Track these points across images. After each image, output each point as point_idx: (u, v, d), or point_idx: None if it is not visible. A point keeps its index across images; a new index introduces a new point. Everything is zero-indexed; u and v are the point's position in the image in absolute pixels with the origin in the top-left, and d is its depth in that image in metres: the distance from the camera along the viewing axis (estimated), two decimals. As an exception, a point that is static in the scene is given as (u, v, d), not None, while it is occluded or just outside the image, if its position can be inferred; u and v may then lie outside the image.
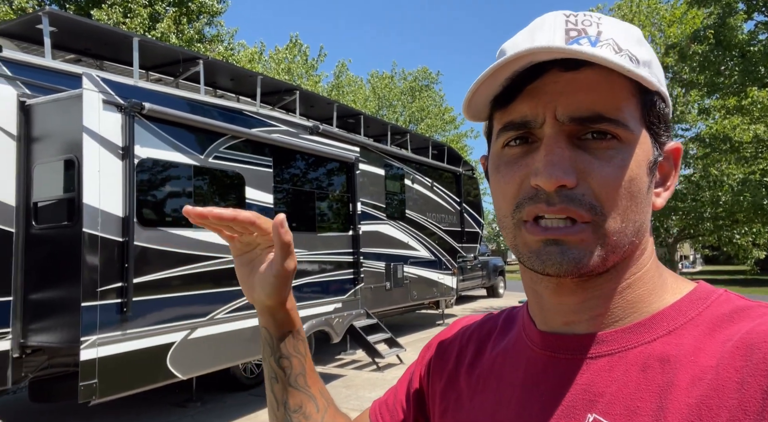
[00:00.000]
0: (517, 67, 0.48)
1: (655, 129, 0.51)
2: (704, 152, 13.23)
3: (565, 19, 0.49)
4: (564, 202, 0.47)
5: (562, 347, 0.53)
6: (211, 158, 5.09)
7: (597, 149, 0.48)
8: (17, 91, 4.30)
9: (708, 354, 0.46)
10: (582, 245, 0.48)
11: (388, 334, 7.43)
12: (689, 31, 12.99)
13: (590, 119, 0.47)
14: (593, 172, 0.48)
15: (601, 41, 0.47)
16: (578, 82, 0.48)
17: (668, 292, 0.52)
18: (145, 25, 10.47)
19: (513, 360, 0.58)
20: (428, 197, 10.19)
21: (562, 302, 0.53)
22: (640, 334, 0.50)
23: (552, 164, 0.47)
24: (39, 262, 4.29)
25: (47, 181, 4.36)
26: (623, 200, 0.48)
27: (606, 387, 0.49)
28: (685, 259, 36.84)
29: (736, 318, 0.48)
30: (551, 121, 0.48)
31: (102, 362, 3.94)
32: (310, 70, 20.33)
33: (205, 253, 4.90)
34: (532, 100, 0.49)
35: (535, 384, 0.54)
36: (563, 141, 0.48)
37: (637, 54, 0.48)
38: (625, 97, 0.48)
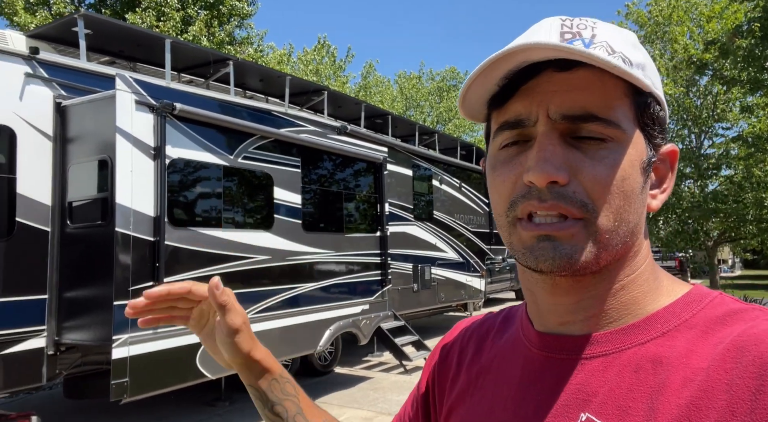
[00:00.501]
0: (512, 67, 0.49)
1: (649, 130, 0.51)
2: (747, 151, 12.67)
3: (560, 23, 0.50)
4: (555, 199, 0.48)
5: (557, 347, 0.54)
6: (241, 158, 5.10)
7: (589, 148, 0.49)
8: (53, 92, 4.39)
9: (700, 356, 0.46)
10: (573, 240, 0.49)
11: (416, 337, 7.34)
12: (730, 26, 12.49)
13: (582, 117, 0.48)
14: (585, 170, 0.48)
15: (595, 43, 0.48)
16: (571, 81, 0.49)
17: (663, 294, 0.53)
18: (178, 28, 10.66)
19: (510, 359, 0.59)
20: (456, 198, 10.07)
21: (557, 302, 0.54)
22: (634, 335, 0.51)
23: (543, 160, 0.48)
24: (73, 261, 4.36)
25: (82, 181, 4.43)
26: (615, 199, 0.49)
27: (599, 387, 0.50)
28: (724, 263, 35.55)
29: (729, 320, 0.48)
30: (544, 119, 0.49)
31: (133, 361, 3.97)
32: (338, 71, 20.41)
33: (234, 253, 4.91)
34: (526, 100, 0.50)
35: (532, 384, 0.54)
36: (556, 139, 0.49)
37: (630, 56, 0.49)
38: (618, 98, 0.49)
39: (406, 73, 25.91)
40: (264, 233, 5.30)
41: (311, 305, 5.77)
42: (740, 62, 9.86)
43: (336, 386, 6.47)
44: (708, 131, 16.59)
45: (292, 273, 5.56)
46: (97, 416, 5.54)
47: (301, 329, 5.64)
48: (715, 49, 11.04)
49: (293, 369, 6.46)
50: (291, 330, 5.51)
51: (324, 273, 5.99)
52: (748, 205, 12.71)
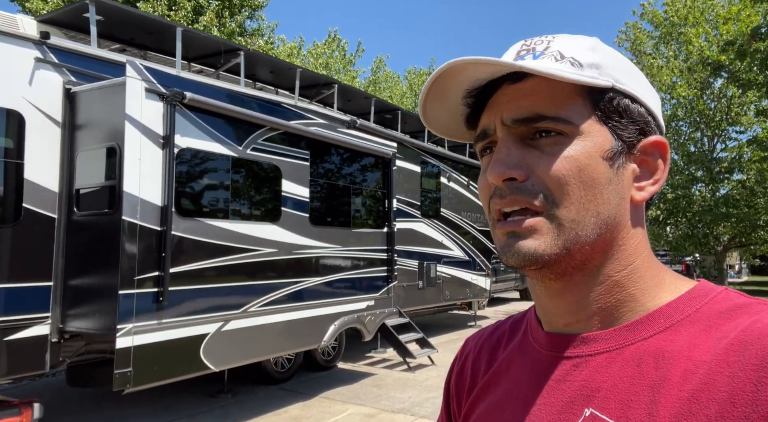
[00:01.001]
0: (467, 86, 0.55)
1: (615, 122, 0.53)
2: (761, 155, 12.50)
3: (522, 44, 0.56)
4: (513, 193, 0.52)
5: (563, 346, 0.55)
6: (249, 149, 5.05)
7: (545, 145, 0.52)
8: (63, 78, 4.35)
9: (703, 349, 0.47)
10: (534, 233, 0.51)
11: (420, 334, 7.29)
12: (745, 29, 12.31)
13: (530, 119, 0.52)
14: (541, 164, 0.51)
15: (545, 54, 0.53)
16: (522, 90, 0.53)
17: (666, 290, 0.53)
18: (189, 18, 10.61)
19: (520, 361, 0.61)
20: (464, 196, 10.00)
21: (556, 304, 0.56)
22: (637, 331, 0.51)
23: (497, 161, 0.52)
24: (79, 248, 4.33)
25: (89, 168, 4.40)
26: (575, 190, 0.50)
27: (602, 382, 0.51)
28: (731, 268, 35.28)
29: (734, 315, 0.49)
30: (500, 126, 0.54)
31: (137, 350, 3.94)
32: (348, 65, 20.31)
33: (240, 245, 4.87)
34: (488, 112, 0.56)
35: (539, 383, 0.56)
36: (511, 142, 0.53)
37: (582, 58, 0.52)
38: (568, 97, 0.52)
39: (416, 70, 25.79)
40: (271, 226, 5.26)
41: (316, 299, 5.73)
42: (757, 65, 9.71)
43: (339, 381, 6.43)
44: (721, 134, 16.38)
45: (298, 267, 5.52)
46: (99, 404, 5.53)
47: (306, 323, 5.60)
48: (732, 50, 10.87)
49: (296, 363, 6.43)
50: (296, 324, 5.47)
51: (330, 268, 5.95)
52: (759, 210, 12.54)
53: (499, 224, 0.54)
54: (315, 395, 5.86)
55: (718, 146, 17.20)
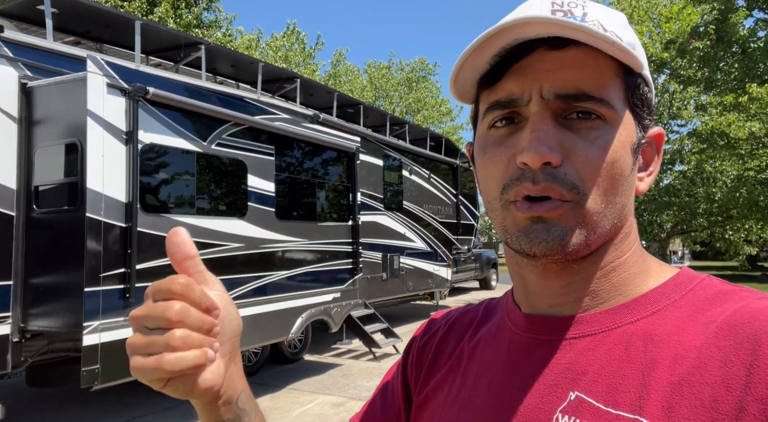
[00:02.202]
0: (505, 44, 0.48)
1: (639, 111, 0.51)
2: (700, 147, 13.34)
3: (551, 1, 0.49)
4: (548, 180, 0.48)
5: (545, 328, 0.53)
6: (214, 144, 5.06)
7: (582, 128, 0.48)
8: (18, 72, 4.23)
9: (691, 334, 0.46)
10: (563, 221, 0.48)
11: (385, 324, 7.46)
12: (686, 27, 13.03)
13: (575, 96, 0.48)
14: (578, 152, 0.48)
15: (587, 21, 0.47)
16: (564, 60, 0.48)
17: (652, 276, 0.53)
18: (143, 9, 10.31)
19: (494, 344, 0.58)
20: (425, 189, 10.19)
21: (548, 285, 0.53)
22: (624, 315, 0.50)
23: (538, 140, 0.47)
24: (40, 246, 4.25)
25: (48, 165, 4.31)
26: (605, 182, 0.48)
27: (588, 365, 0.49)
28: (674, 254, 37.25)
29: (719, 301, 0.48)
30: (537, 99, 0.48)
31: (104, 348, 3.93)
32: (308, 58, 20.17)
33: (207, 240, 4.89)
34: (518, 79, 0.49)
35: (517, 365, 0.54)
36: (549, 119, 0.48)
37: (621, 36, 0.48)
38: (610, 77, 0.49)
39: (376, 63, 25.87)
40: (237, 221, 5.29)
41: (283, 293, 5.80)
42: (696, 62, 10.34)
43: (306, 373, 6.54)
44: (664, 127, 17.34)
45: (264, 261, 5.57)
46: (62, 404, 5.43)
47: (273, 316, 5.66)
48: (673, 48, 11.51)
49: (263, 356, 6.49)
50: (263, 318, 5.53)
51: (296, 261, 6.02)
52: (699, 199, 13.37)
53: (520, 205, 0.49)
54: (283, 387, 5.94)
55: (661, 139, 18.13)
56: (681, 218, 14.66)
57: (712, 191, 13.02)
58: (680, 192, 14.10)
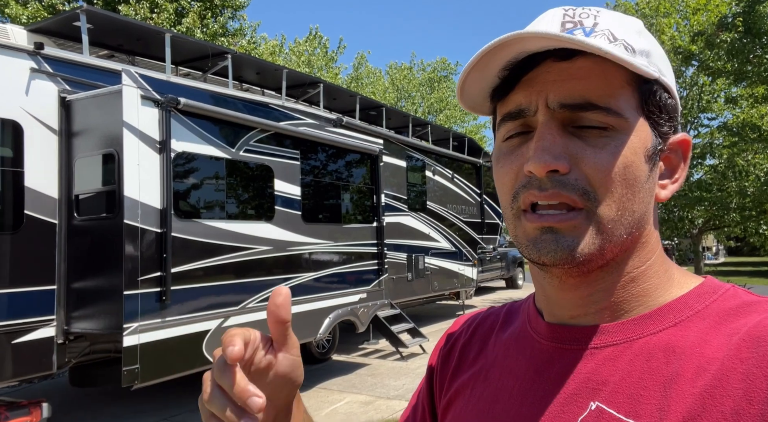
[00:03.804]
0: (510, 58, 0.49)
1: (655, 118, 0.51)
2: (731, 140, 12.95)
3: (563, 13, 0.50)
4: (556, 187, 0.48)
5: (567, 338, 0.53)
6: (242, 151, 5.21)
7: (590, 136, 0.48)
8: (58, 87, 4.46)
9: (714, 346, 0.46)
10: (575, 232, 0.48)
11: (411, 324, 7.52)
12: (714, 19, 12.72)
13: (581, 105, 0.48)
14: (586, 158, 0.48)
15: (596, 32, 0.48)
16: (571, 71, 0.48)
17: (675, 286, 0.52)
18: (171, 20, 10.62)
19: (516, 351, 0.58)
20: (449, 189, 10.21)
21: (567, 297, 0.53)
22: (646, 325, 0.50)
23: (542, 149, 0.48)
24: (81, 252, 4.46)
25: (88, 174, 4.52)
26: (618, 187, 0.48)
27: (610, 375, 0.49)
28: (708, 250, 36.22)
29: (743, 312, 0.48)
30: (543, 108, 0.49)
31: (143, 348, 4.11)
32: (330, 62, 20.38)
33: (237, 244, 5.04)
34: (526, 90, 0.50)
35: (539, 374, 0.54)
36: (555, 128, 0.49)
37: (633, 43, 0.49)
38: (620, 86, 0.49)
39: (398, 64, 25.93)
40: (265, 225, 5.43)
41: (311, 294, 5.92)
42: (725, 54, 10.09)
43: (334, 372, 6.65)
44: (693, 121, 16.92)
45: (292, 263, 5.71)
46: (103, 402, 5.67)
47: (302, 317, 5.79)
48: (701, 40, 11.25)
49: (293, 356, 6.61)
50: (292, 318, 5.62)
51: (323, 263, 6.14)
52: (731, 193, 13.02)
53: (530, 216, 0.50)
54: (312, 386, 6.06)
55: (691, 132, 17.74)
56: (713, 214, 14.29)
57: (744, 185, 12.67)
58: (712, 187, 13.74)
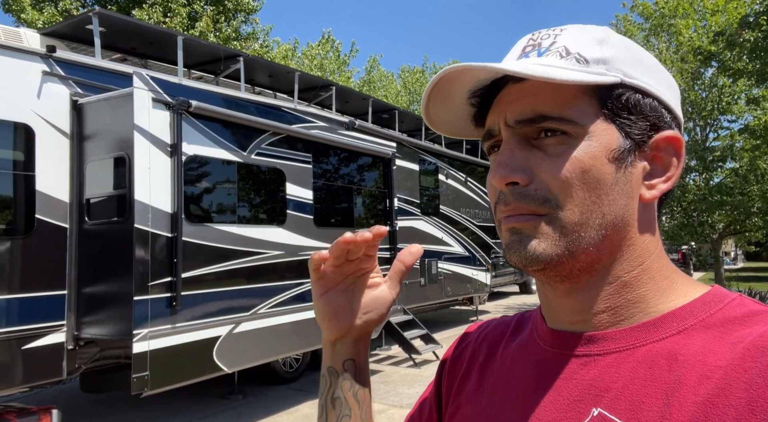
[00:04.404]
0: (471, 86, 0.54)
1: (622, 120, 0.51)
2: (753, 143, 12.66)
3: (529, 38, 0.55)
4: (517, 199, 0.51)
5: (570, 344, 0.54)
6: (254, 154, 5.15)
7: (548, 145, 0.51)
8: (70, 90, 4.43)
9: (717, 354, 0.46)
10: (535, 232, 0.50)
11: (424, 330, 7.40)
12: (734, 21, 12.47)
13: (533, 119, 0.51)
14: (543, 167, 0.50)
15: (550, 51, 0.52)
16: (524, 89, 0.52)
17: (678, 294, 0.52)
18: (185, 24, 10.66)
19: (523, 358, 0.59)
20: (462, 192, 10.09)
21: (563, 303, 0.55)
22: (649, 333, 0.50)
23: (500, 164, 0.51)
24: (91, 257, 4.42)
25: (99, 178, 4.48)
26: (578, 192, 0.49)
27: (612, 382, 0.49)
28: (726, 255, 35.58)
29: (748, 321, 0.48)
30: (503, 126, 0.53)
31: (153, 354, 4.04)
32: (342, 65, 20.38)
33: (248, 248, 4.97)
34: (493, 111, 0.55)
35: (542, 380, 0.55)
36: (514, 143, 0.52)
37: (588, 54, 0.51)
38: (572, 96, 0.50)
39: (410, 68, 25.87)
40: (277, 229, 5.36)
41: (323, 299, 5.82)
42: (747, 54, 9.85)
43: (347, 379, 6.53)
44: (713, 123, 16.58)
45: (304, 268, 5.62)
46: (113, 408, 5.62)
47: (314, 323, 5.65)
48: (722, 40, 11.01)
49: (304, 362, 6.54)
50: (304, 324, 5.58)
51: (335, 268, 6.04)
52: (753, 197, 12.70)
53: (505, 220, 0.53)
54: (324, 393, 5.96)
55: (710, 135, 17.40)
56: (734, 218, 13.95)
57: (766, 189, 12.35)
58: (733, 190, 13.43)
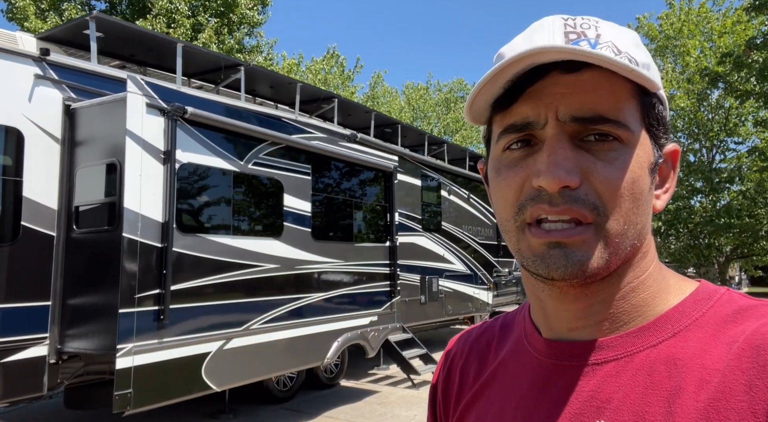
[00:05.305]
0: (518, 70, 0.49)
1: (655, 131, 0.51)
2: (761, 165, 12.51)
3: (563, 23, 0.49)
4: (567, 202, 0.48)
5: (567, 354, 0.53)
6: (251, 164, 5.01)
7: (599, 150, 0.48)
8: (63, 94, 4.31)
9: (714, 355, 0.46)
10: (584, 246, 0.48)
11: (424, 350, 7.18)
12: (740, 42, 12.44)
13: (592, 119, 0.48)
14: (596, 172, 0.48)
15: (601, 43, 0.48)
16: (579, 83, 0.48)
17: (672, 293, 0.52)
18: (188, 35, 10.65)
19: (516, 368, 0.58)
20: (464, 209, 9.96)
21: (566, 309, 0.53)
22: (645, 337, 0.50)
23: (555, 164, 0.47)
24: (78, 267, 4.25)
25: (89, 185, 4.34)
26: (626, 202, 0.48)
27: (613, 392, 0.49)
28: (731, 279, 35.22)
29: (740, 318, 0.48)
30: (553, 122, 0.48)
31: (138, 371, 3.84)
32: (347, 81, 20.43)
33: (242, 261, 4.79)
34: (533, 102, 0.49)
35: (541, 392, 0.53)
36: (566, 142, 0.48)
37: (635, 56, 0.48)
38: (626, 99, 0.49)
39: (414, 84, 25.95)
40: (273, 241, 5.19)
41: (319, 315, 5.63)
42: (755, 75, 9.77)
43: (342, 399, 6.30)
44: (719, 144, 16.45)
45: (300, 283, 5.43)
46: (97, 427, 5.39)
47: (309, 340, 5.49)
48: (729, 61, 10.95)
49: (299, 381, 6.31)
50: (298, 341, 5.37)
51: (332, 283, 5.86)
52: (761, 220, 12.52)
53: (536, 231, 0.49)
54: (318, 414, 5.73)
55: (716, 156, 17.26)
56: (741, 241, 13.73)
57: (774, 212, 12.19)
58: (741, 213, 13.24)
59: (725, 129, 15.61)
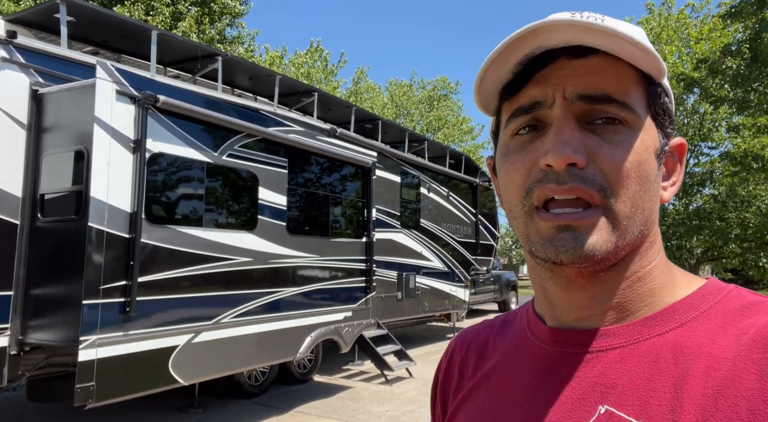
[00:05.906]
0: (527, 52, 0.49)
1: (660, 120, 0.52)
2: (732, 170, 12.81)
3: (570, 15, 0.49)
4: (575, 181, 0.47)
5: (571, 342, 0.52)
6: (225, 155, 4.93)
7: (605, 132, 0.49)
8: (30, 79, 4.19)
9: (722, 345, 0.46)
10: (593, 229, 0.48)
11: (399, 346, 7.19)
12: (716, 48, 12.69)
13: (599, 98, 0.48)
14: (603, 153, 0.48)
15: None
16: (586, 67, 0.49)
17: (679, 286, 0.52)
18: (167, 24, 10.45)
19: (517, 357, 0.58)
20: (443, 207, 9.99)
21: (572, 298, 0.52)
22: (652, 327, 0.50)
23: (562, 141, 0.47)
24: (42, 256, 4.14)
25: (56, 172, 4.22)
26: (633, 184, 0.48)
27: (618, 378, 0.48)
28: (703, 281, 36.09)
29: (749, 312, 0.48)
30: (560, 100, 0.49)
31: (101, 363, 3.76)
32: (330, 75, 20.28)
33: (214, 254, 4.72)
34: (541, 85, 0.50)
35: (544, 379, 0.53)
36: (572, 121, 0.48)
37: (642, 41, 0.48)
38: (632, 84, 0.49)
39: (398, 81, 25.88)
40: (247, 235, 5.12)
41: (292, 310, 5.59)
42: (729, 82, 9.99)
43: (315, 395, 6.28)
44: (694, 149, 16.81)
45: (274, 277, 5.38)
46: (61, 420, 5.27)
47: (282, 335, 5.45)
48: (705, 67, 11.17)
49: (271, 376, 6.26)
50: (270, 336, 5.32)
51: (307, 278, 5.82)
52: (731, 224, 12.84)
53: (545, 215, 0.49)
54: (290, 409, 5.69)
55: (691, 160, 17.62)
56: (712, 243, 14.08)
57: (745, 216, 12.48)
58: (712, 216, 13.57)
59: (699, 134, 15.95)
